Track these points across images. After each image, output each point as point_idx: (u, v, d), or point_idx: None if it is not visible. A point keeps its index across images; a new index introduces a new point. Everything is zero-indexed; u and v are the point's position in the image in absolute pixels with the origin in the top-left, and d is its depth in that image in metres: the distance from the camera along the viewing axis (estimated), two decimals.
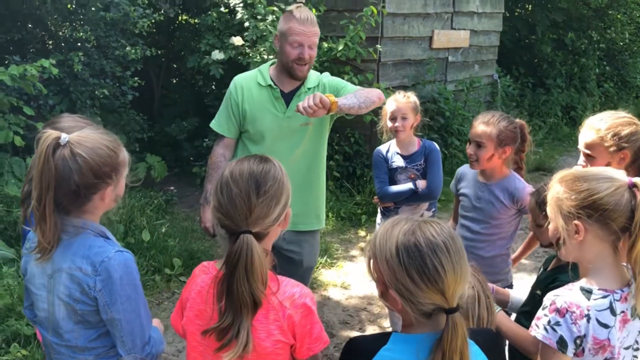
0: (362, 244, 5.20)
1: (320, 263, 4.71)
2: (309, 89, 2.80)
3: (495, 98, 8.88)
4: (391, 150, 3.32)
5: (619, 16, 11.83)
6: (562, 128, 9.91)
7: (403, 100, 3.19)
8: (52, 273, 1.68)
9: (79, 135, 1.65)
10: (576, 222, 1.59)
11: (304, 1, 2.82)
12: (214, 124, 2.92)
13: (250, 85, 2.81)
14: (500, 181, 2.70)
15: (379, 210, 3.43)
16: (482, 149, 2.63)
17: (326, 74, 2.93)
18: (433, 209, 3.35)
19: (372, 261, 1.42)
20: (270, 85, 2.78)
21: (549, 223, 1.73)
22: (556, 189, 1.66)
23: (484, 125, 2.63)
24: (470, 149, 2.68)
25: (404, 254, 1.34)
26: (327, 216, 5.63)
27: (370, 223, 5.57)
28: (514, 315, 2.15)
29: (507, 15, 9.61)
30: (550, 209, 1.68)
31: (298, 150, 2.81)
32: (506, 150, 2.63)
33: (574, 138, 9.84)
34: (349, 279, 4.50)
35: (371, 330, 3.81)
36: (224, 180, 1.56)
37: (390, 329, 3.62)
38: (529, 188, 2.66)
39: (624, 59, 12.15)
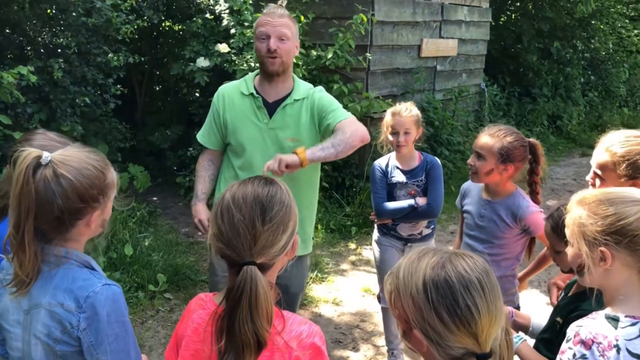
0: (353, 257, 5.06)
1: (311, 278, 4.56)
2: (295, 100, 2.63)
3: (482, 107, 8.84)
4: (391, 164, 3.17)
5: (602, 26, 11.92)
6: (549, 137, 9.91)
7: (405, 114, 3.03)
8: (28, 309, 1.48)
9: (63, 153, 1.47)
10: (602, 249, 1.46)
11: (283, 3, 2.71)
12: (199, 136, 2.82)
13: (233, 94, 2.70)
14: (504, 199, 2.56)
15: (375, 227, 3.29)
16: (482, 161, 2.50)
17: (319, 89, 2.75)
18: (432, 227, 3.22)
19: (393, 295, 1.26)
20: (252, 94, 2.64)
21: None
22: (578, 213, 1.53)
23: (487, 136, 2.50)
24: (470, 159, 2.56)
25: (433, 291, 1.19)
26: (317, 228, 5.49)
27: (361, 235, 5.44)
28: (532, 341, 2.02)
29: (493, 24, 9.60)
30: (571, 234, 1.55)
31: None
32: (508, 168, 2.47)
33: (561, 147, 9.85)
34: (341, 295, 4.35)
35: (365, 349, 3.67)
36: (225, 205, 1.39)
37: (385, 348, 3.48)
38: (534, 208, 2.53)
39: (607, 69, 12.23)
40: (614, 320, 1.47)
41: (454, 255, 1.25)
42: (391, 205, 3.09)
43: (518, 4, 10.79)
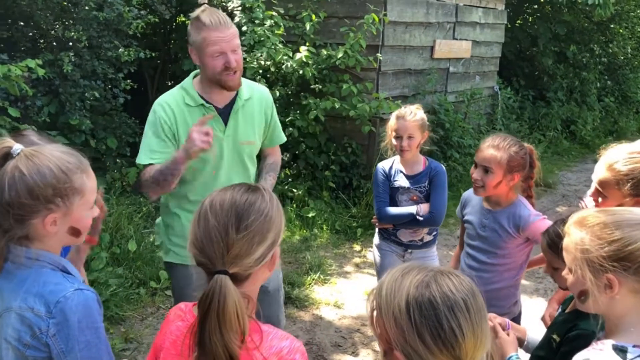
0: (357, 259, 5.03)
1: (313, 279, 4.54)
2: (245, 101, 2.53)
3: (495, 110, 8.75)
4: (394, 167, 3.12)
5: (620, 30, 11.74)
6: (562, 142, 9.80)
7: (409, 119, 2.96)
8: (1, 311, 1.46)
9: (35, 149, 1.46)
10: (609, 276, 1.37)
11: (207, 2, 2.52)
12: (143, 159, 2.46)
13: (179, 105, 2.44)
14: (506, 208, 2.52)
15: (376, 231, 3.26)
16: (490, 174, 2.45)
17: (266, 91, 2.69)
18: (434, 233, 3.17)
19: (375, 313, 1.21)
20: (202, 105, 2.44)
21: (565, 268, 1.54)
22: (579, 236, 1.43)
23: (493, 149, 2.45)
24: (476, 174, 2.50)
25: (416, 311, 1.13)
26: (322, 229, 5.47)
27: (366, 237, 5.40)
28: (527, 356, 1.98)
29: (509, 26, 9.49)
30: (571, 259, 1.46)
31: (237, 171, 2.55)
32: (514, 177, 2.46)
33: (574, 152, 9.73)
34: (343, 297, 4.32)
35: (364, 354, 3.64)
36: (203, 210, 1.35)
37: None
38: (536, 216, 2.48)
39: (625, 74, 12.06)
40: (622, 351, 1.38)
41: (440, 274, 1.20)
42: (393, 210, 3.05)
43: (536, 6, 10.65)
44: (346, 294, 4.39)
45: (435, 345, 1.13)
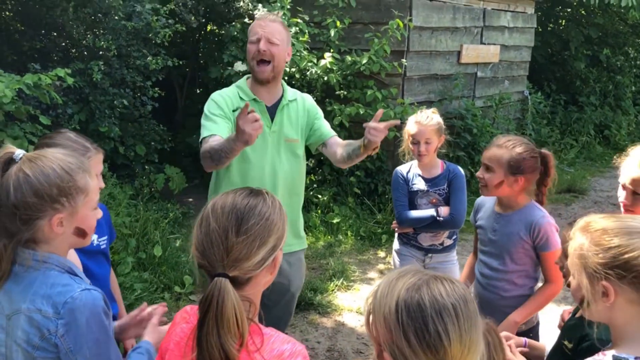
0: (382, 266, 5.00)
1: (336, 285, 4.53)
2: (289, 101, 2.69)
3: (525, 115, 8.62)
4: (412, 171, 3.12)
5: None
6: (595, 147, 9.58)
7: (425, 123, 2.96)
8: (10, 314, 1.49)
9: (37, 152, 1.51)
10: (604, 283, 1.33)
11: (279, 14, 2.74)
12: (203, 133, 2.52)
13: (234, 99, 2.62)
14: (517, 211, 2.45)
15: (396, 236, 3.24)
16: (491, 173, 2.40)
17: (308, 96, 2.84)
18: (454, 237, 3.14)
19: (371, 316, 1.21)
20: (255, 99, 2.60)
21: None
22: (579, 241, 1.39)
23: (496, 147, 2.42)
24: (479, 172, 2.47)
25: (404, 313, 1.13)
26: (346, 235, 5.46)
27: (391, 243, 5.33)
28: None
29: (540, 30, 9.34)
30: (571, 264, 1.42)
31: (281, 166, 2.66)
32: (518, 180, 2.37)
33: (607, 158, 9.49)
34: None
35: None
36: (205, 213, 1.37)
37: None
38: (550, 219, 2.43)
39: None
40: None
41: (433, 279, 1.19)
42: (413, 214, 3.04)
43: (569, 10, 10.48)
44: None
45: (420, 347, 1.12)
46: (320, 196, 5.84)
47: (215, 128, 2.50)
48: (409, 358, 1.13)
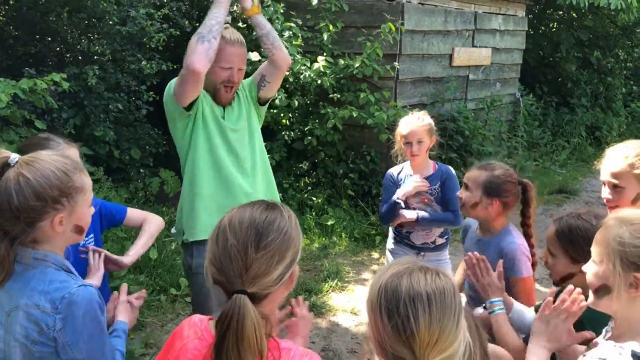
0: (375, 267, 5.05)
1: (330, 286, 4.58)
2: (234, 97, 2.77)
3: (517, 117, 8.70)
4: (404, 172, 3.19)
5: None
6: (587, 149, 9.67)
7: (418, 124, 3.04)
8: (9, 310, 1.54)
9: (31, 155, 1.55)
10: (637, 274, 1.39)
11: (229, 21, 2.73)
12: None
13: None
14: (494, 237, 2.43)
15: (389, 235, 3.30)
16: (468, 192, 2.43)
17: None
18: (446, 237, 3.20)
19: (366, 303, 1.31)
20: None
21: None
22: (618, 231, 1.44)
23: (477, 168, 2.46)
24: (459, 191, 2.51)
25: (382, 296, 1.23)
26: (340, 236, 5.51)
27: (385, 245, 5.40)
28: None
29: (531, 33, 9.43)
30: (602, 252, 1.46)
31: (254, 152, 2.76)
32: (493, 202, 2.37)
33: (599, 159, 9.57)
34: (360, 305, 4.35)
35: None
36: (222, 228, 1.34)
37: None
38: (519, 245, 2.36)
39: None
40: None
41: (419, 269, 1.26)
42: (383, 208, 3.17)
43: (560, 12, 10.57)
44: (363, 301, 4.39)
45: (390, 327, 1.20)
46: (314, 198, 5.88)
47: None
48: (382, 337, 1.21)
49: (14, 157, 1.53)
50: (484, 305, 2.03)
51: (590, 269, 1.52)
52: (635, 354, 1.39)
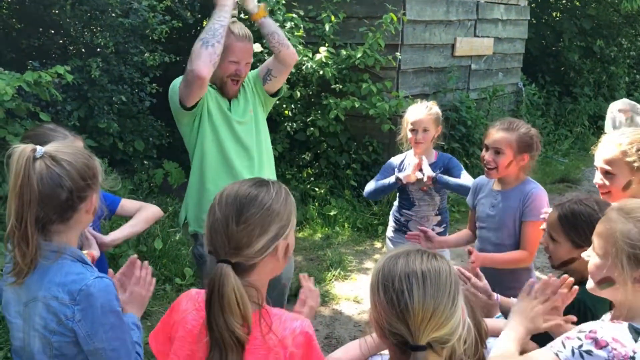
0: (378, 256, 5.08)
1: (333, 275, 4.62)
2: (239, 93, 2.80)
3: (519, 107, 8.70)
4: (407, 161, 3.23)
5: None
6: (589, 138, 9.65)
7: (425, 112, 3.10)
8: (27, 301, 1.59)
9: (53, 145, 1.61)
10: None
11: (236, 15, 2.77)
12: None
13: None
14: (516, 187, 2.61)
15: (390, 223, 3.35)
16: (501, 155, 2.55)
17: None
18: (444, 226, 3.24)
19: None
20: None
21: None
22: (626, 227, 1.45)
23: (503, 131, 2.56)
24: (488, 156, 2.59)
25: (380, 275, 1.28)
26: (343, 226, 5.55)
27: None
28: None
29: (534, 22, 9.41)
30: (607, 246, 1.49)
31: (259, 144, 2.81)
32: (524, 158, 2.55)
33: (595, 145, 9.57)
34: (362, 293, 4.40)
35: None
36: (215, 202, 1.46)
37: None
38: (543, 191, 2.57)
39: None
40: (637, 332, 1.42)
41: (416, 252, 1.30)
42: (372, 183, 3.26)
43: (563, 1, 10.53)
44: (366, 290, 4.42)
45: (386, 302, 1.24)
46: (317, 189, 5.92)
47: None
48: (379, 313, 1.26)
49: (40, 149, 1.56)
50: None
51: (592, 260, 1.54)
52: (633, 326, 1.43)
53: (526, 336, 1.64)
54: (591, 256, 1.55)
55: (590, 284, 1.57)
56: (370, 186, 3.26)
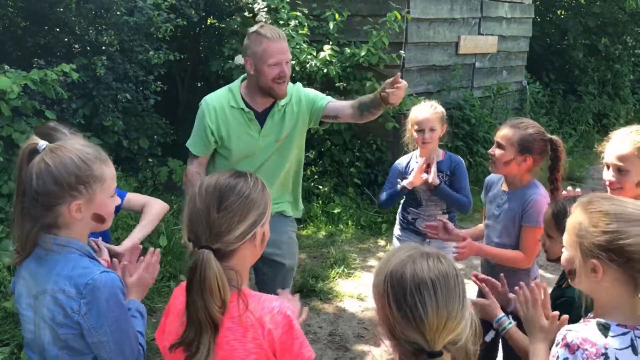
0: (381, 254, 5.10)
1: (337, 273, 4.64)
2: (282, 106, 2.80)
3: (523, 105, 8.68)
4: (413, 162, 3.23)
5: None
6: (594, 136, 9.63)
7: (430, 111, 3.11)
8: (36, 294, 1.63)
9: (58, 143, 1.64)
10: (595, 261, 1.43)
11: (263, 21, 2.82)
12: (190, 145, 2.86)
13: (223, 107, 2.77)
14: (519, 189, 2.60)
15: (397, 222, 3.36)
16: (502, 150, 2.55)
17: (298, 85, 2.92)
18: (452, 224, 3.23)
19: (373, 288, 1.37)
20: (242, 109, 2.75)
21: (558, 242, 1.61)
22: (579, 219, 1.48)
23: (508, 127, 2.56)
24: (491, 149, 2.62)
25: (389, 284, 1.28)
26: (347, 224, 5.57)
27: (391, 232, 5.44)
28: None
29: (538, 20, 9.39)
30: (568, 237, 1.53)
31: (266, 161, 2.84)
32: (526, 159, 2.52)
33: (601, 142, 9.54)
34: (366, 291, 4.41)
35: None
36: (194, 193, 1.53)
37: None
38: (544, 198, 2.53)
39: None
40: (605, 328, 1.44)
41: (421, 255, 1.31)
42: (383, 195, 3.25)
43: None
44: (369, 287, 4.43)
45: (400, 316, 1.25)
46: (321, 187, 5.93)
47: (198, 146, 2.82)
48: (393, 325, 1.27)
49: (42, 144, 1.61)
50: (493, 328, 2.03)
51: (563, 254, 1.58)
52: (600, 323, 1.45)
53: (548, 346, 1.67)
54: (563, 250, 1.58)
55: (568, 278, 1.60)
56: (382, 197, 3.28)
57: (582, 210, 1.49)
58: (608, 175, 2.16)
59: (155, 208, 2.43)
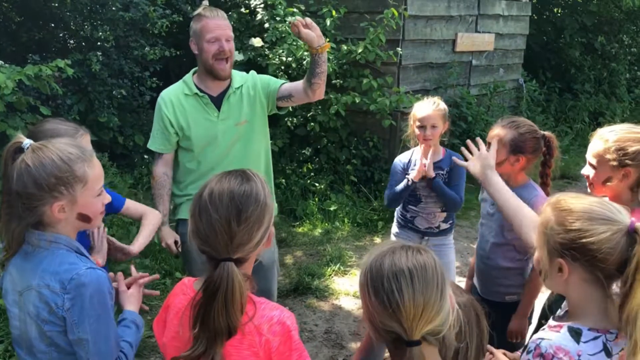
0: None
1: (333, 270, 4.63)
2: (236, 88, 2.80)
3: (520, 103, 8.68)
4: (414, 158, 3.21)
5: None
6: (590, 134, 9.64)
7: (433, 108, 3.06)
8: (21, 290, 1.60)
9: (42, 143, 1.60)
10: (560, 260, 1.42)
11: (207, 3, 2.82)
12: (152, 145, 2.85)
13: (178, 97, 2.77)
14: (515, 189, 2.50)
15: (394, 220, 3.34)
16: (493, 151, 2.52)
17: (252, 72, 2.92)
18: (451, 222, 3.23)
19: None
20: (196, 94, 2.75)
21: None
22: (547, 217, 1.47)
23: (500, 128, 2.53)
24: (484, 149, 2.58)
25: (369, 275, 1.30)
26: (343, 222, 5.55)
27: (387, 230, 5.45)
28: None
29: (535, 18, 9.38)
30: (537, 237, 1.51)
31: (234, 150, 2.81)
32: (519, 159, 2.49)
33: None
34: None
35: None
36: (203, 204, 1.44)
37: None
38: (542, 199, 2.50)
39: None
40: (577, 334, 1.42)
41: (401, 249, 1.32)
42: (388, 195, 3.21)
43: None
44: None
45: (378, 303, 1.26)
46: (317, 184, 5.92)
47: (159, 143, 2.82)
48: (371, 313, 1.28)
49: (27, 142, 1.58)
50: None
51: (535, 254, 1.55)
52: (572, 328, 1.43)
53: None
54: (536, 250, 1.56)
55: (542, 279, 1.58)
56: (388, 196, 3.22)
57: (551, 208, 1.48)
58: (584, 169, 2.19)
59: (155, 218, 2.47)
